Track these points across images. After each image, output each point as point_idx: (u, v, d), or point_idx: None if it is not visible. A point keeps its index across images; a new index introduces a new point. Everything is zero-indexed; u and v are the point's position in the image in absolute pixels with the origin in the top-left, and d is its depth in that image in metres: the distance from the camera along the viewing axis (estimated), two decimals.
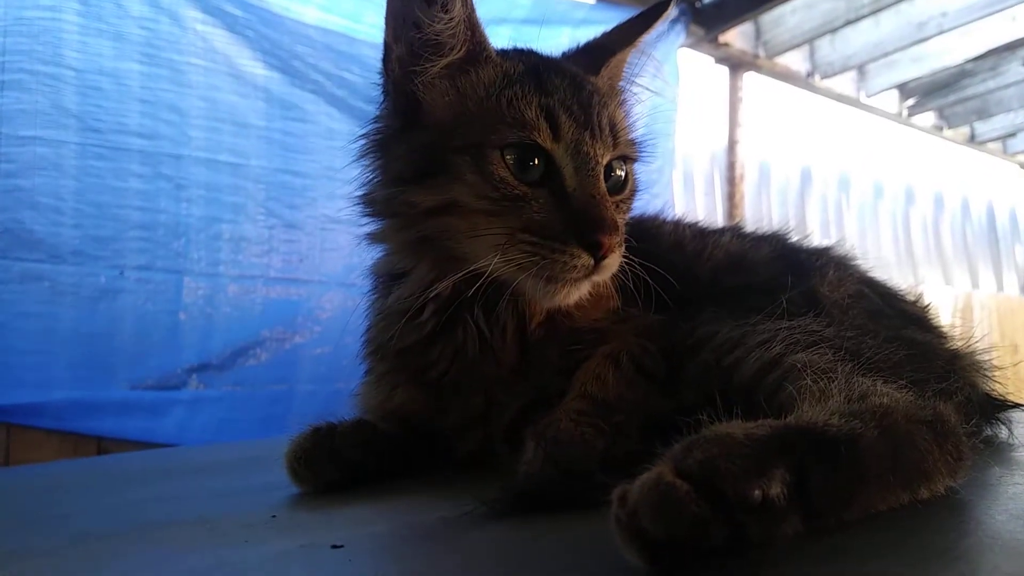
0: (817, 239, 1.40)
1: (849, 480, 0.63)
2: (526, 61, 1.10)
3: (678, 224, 1.36)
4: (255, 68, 2.88)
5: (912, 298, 1.27)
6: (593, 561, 0.62)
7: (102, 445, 2.63)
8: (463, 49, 1.05)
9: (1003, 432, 1.07)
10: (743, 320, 1.01)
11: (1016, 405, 1.12)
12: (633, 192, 1.14)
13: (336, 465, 1.03)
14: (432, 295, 1.05)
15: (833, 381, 0.78)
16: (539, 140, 0.99)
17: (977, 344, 1.16)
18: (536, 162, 1.00)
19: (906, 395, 0.76)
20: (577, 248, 0.95)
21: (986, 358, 1.15)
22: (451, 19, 1.02)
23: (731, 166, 4.66)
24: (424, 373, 1.10)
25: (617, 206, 1.06)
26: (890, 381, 0.80)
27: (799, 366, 0.84)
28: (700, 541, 0.53)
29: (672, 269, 1.21)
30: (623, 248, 1.03)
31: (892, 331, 1.07)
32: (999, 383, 1.14)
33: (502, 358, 1.07)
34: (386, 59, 1.08)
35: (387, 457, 1.09)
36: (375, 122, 1.12)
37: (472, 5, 1.04)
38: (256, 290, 2.88)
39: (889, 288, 1.25)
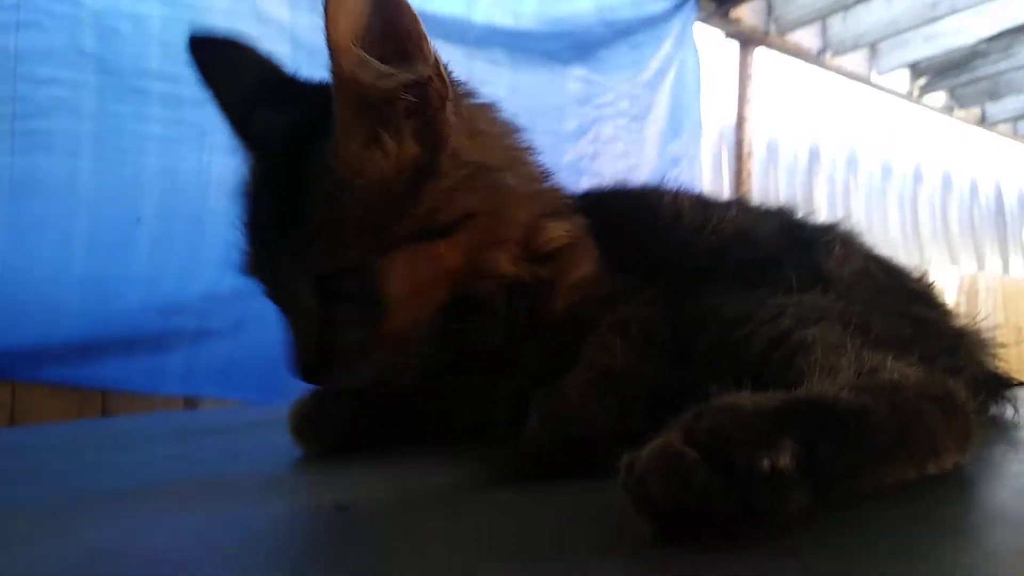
0: (824, 217, 1.39)
1: (858, 454, 0.62)
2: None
3: (677, 195, 1.34)
4: (280, 11, 2.80)
5: (917, 275, 1.26)
6: (601, 526, 0.62)
7: (107, 405, 2.63)
8: None
9: (1008, 411, 1.07)
10: (750, 295, 1.00)
11: (1022, 384, 1.11)
12: (375, 295, 0.88)
13: (338, 426, 1.03)
14: None
15: (843, 356, 0.78)
16: (246, 271, 0.95)
17: (982, 322, 1.16)
18: None
19: (916, 371, 0.75)
20: None
21: (991, 336, 1.15)
22: None
23: (739, 143, 4.63)
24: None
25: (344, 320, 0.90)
26: (900, 357, 0.79)
27: (809, 340, 0.84)
28: (708, 509, 0.53)
29: (670, 242, 1.20)
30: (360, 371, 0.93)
31: (898, 307, 1.06)
32: (1004, 362, 1.14)
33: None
34: None
35: (390, 420, 1.08)
36: None
37: None
38: None
39: (894, 265, 1.25)
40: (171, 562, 0.60)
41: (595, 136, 3.82)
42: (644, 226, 1.22)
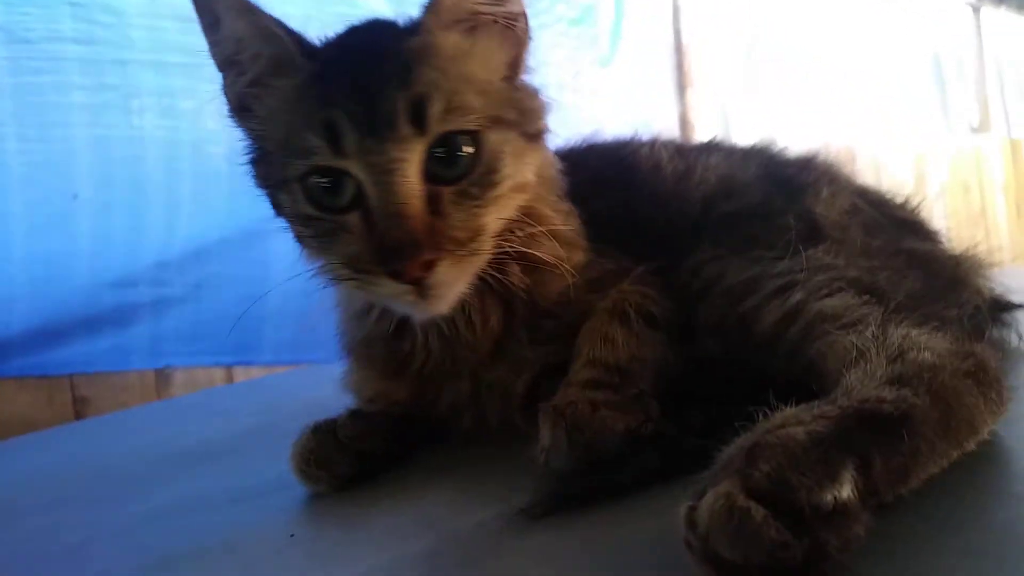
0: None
1: (907, 456, 0.61)
2: (328, 55, 0.93)
3: (654, 145, 1.28)
4: None
5: (900, 201, 1.24)
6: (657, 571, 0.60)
7: (76, 389, 2.54)
8: (259, 63, 0.93)
9: (1012, 337, 1.06)
10: (746, 254, 0.97)
11: (1020, 306, 1.11)
12: (494, 165, 0.89)
13: (345, 459, 1.00)
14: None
15: (864, 332, 0.76)
16: (324, 162, 0.87)
17: (975, 246, 1.15)
18: (345, 183, 0.88)
19: (942, 342, 0.73)
20: (385, 277, 0.85)
21: (984, 257, 1.14)
22: (226, 36, 0.92)
23: (677, 32, 4.49)
24: (401, 367, 1.04)
25: (464, 194, 0.88)
26: (922, 324, 0.77)
27: (826, 315, 0.82)
28: (781, 563, 0.51)
29: (656, 197, 1.16)
30: (478, 244, 0.89)
31: (892, 245, 1.04)
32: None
33: (475, 347, 1.01)
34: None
35: (391, 442, 1.06)
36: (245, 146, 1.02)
37: (257, 13, 0.90)
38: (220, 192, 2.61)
39: (881, 195, 1.23)
40: None
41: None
42: (627, 184, 1.17)
